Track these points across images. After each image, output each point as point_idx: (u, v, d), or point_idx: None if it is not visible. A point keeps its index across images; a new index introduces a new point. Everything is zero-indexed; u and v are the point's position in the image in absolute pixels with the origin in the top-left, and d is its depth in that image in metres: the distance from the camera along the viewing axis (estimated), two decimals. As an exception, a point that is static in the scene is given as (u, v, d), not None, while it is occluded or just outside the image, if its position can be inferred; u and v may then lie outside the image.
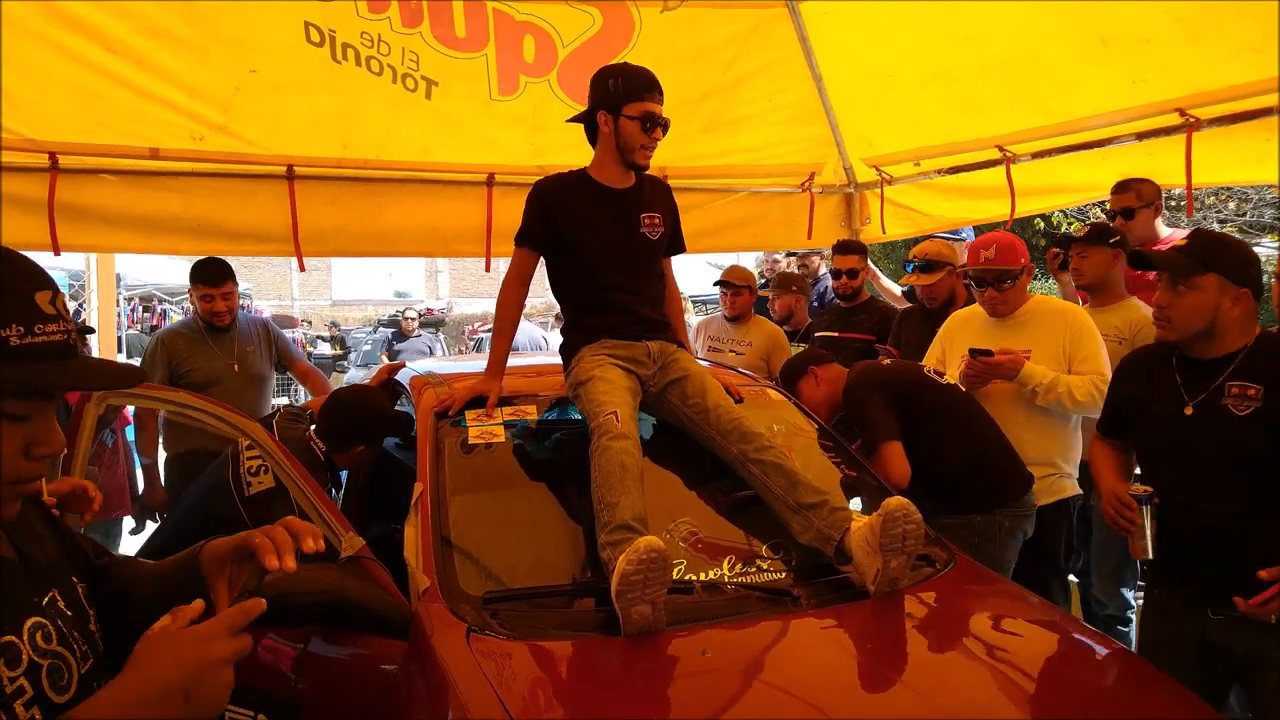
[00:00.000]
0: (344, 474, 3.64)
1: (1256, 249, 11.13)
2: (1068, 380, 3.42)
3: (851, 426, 3.50)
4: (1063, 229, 12.17)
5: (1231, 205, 12.13)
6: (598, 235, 3.01)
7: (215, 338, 4.57)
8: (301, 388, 5.79)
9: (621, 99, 2.94)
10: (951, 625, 2.51)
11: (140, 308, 17.30)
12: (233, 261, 4.67)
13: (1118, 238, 3.84)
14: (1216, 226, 11.88)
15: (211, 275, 4.52)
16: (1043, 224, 12.41)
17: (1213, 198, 11.86)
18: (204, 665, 1.13)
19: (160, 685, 1.10)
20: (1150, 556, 2.51)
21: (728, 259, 9.10)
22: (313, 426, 3.31)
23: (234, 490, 3.02)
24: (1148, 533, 2.49)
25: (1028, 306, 3.66)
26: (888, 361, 3.79)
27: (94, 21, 3.94)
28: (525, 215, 3.08)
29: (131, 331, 15.07)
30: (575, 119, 3.10)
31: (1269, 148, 3.63)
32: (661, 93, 2.98)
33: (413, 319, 10.71)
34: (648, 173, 3.13)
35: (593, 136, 3.06)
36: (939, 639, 2.44)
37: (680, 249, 3.31)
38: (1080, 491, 3.63)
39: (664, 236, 3.11)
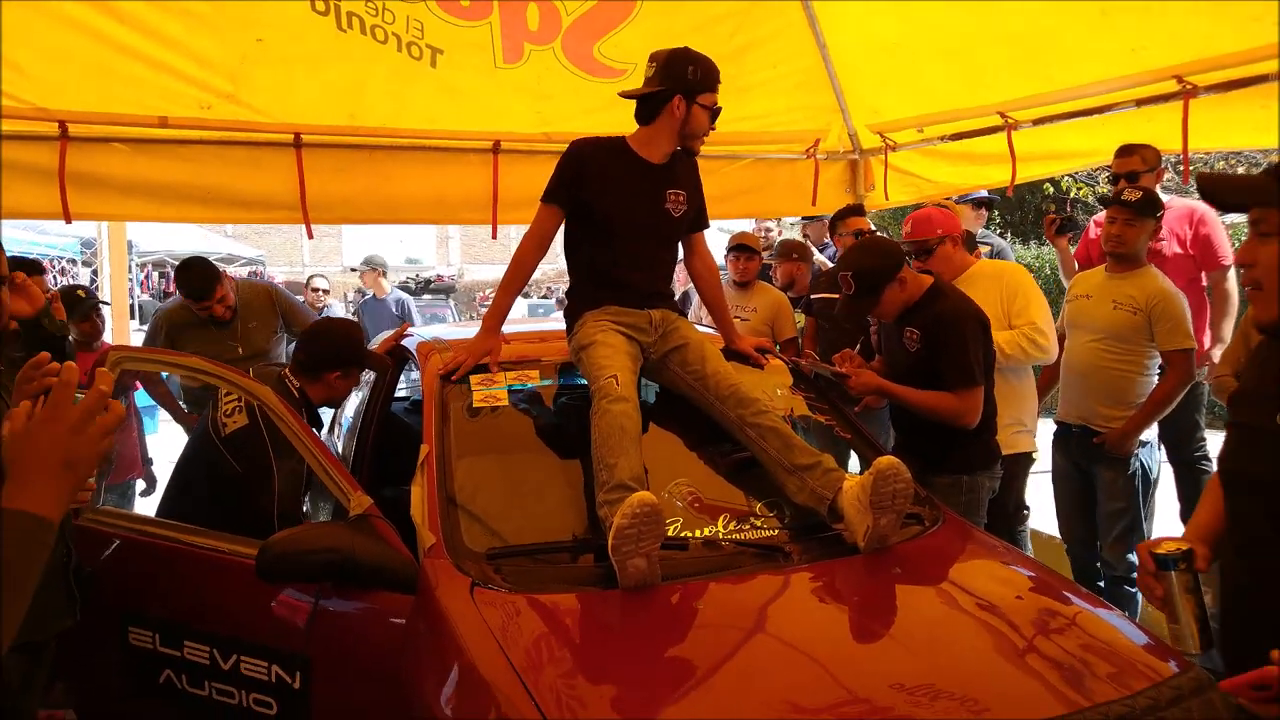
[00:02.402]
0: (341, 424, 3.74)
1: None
2: (995, 338, 3.53)
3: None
4: (1072, 193, 12.16)
5: (1242, 169, 12.07)
6: (624, 205, 3.04)
7: (218, 324, 4.72)
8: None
9: (699, 87, 2.98)
10: (938, 579, 2.59)
11: (155, 273, 17.42)
12: (246, 227, 4.77)
13: (1160, 213, 3.88)
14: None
15: (198, 291, 4.60)
16: (1052, 189, 12.38)
17: (1222, 162, 11.80)
18: (74, 438, 1.31)
19: (47, 468, 1.30)
20: (1192, 648, 1.70)
21: (733, 226, 9.12)
22: (287, 367, 3.40)
23: (213, 434, 3.13)
24: (1178, 610, 1.71)
25: (970, 272, 3.83)
26: None
27: (102, -9, 3.99)
28: (557, 172, 3.10)
29: (145, 298, 15.20)
30: (636, 94, 3.06)
31: (1265, 114, 3.65)
32: None
33: (321, 290, 8.02)
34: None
35: (649, 113, 3.04)
36: (926, 592, 2.53)
37: (704, 225, 3.35)
38: (1034, 449, 3.92)
39: (686, 215, 3.16)
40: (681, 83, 2.98)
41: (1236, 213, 1.79)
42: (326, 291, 8.30)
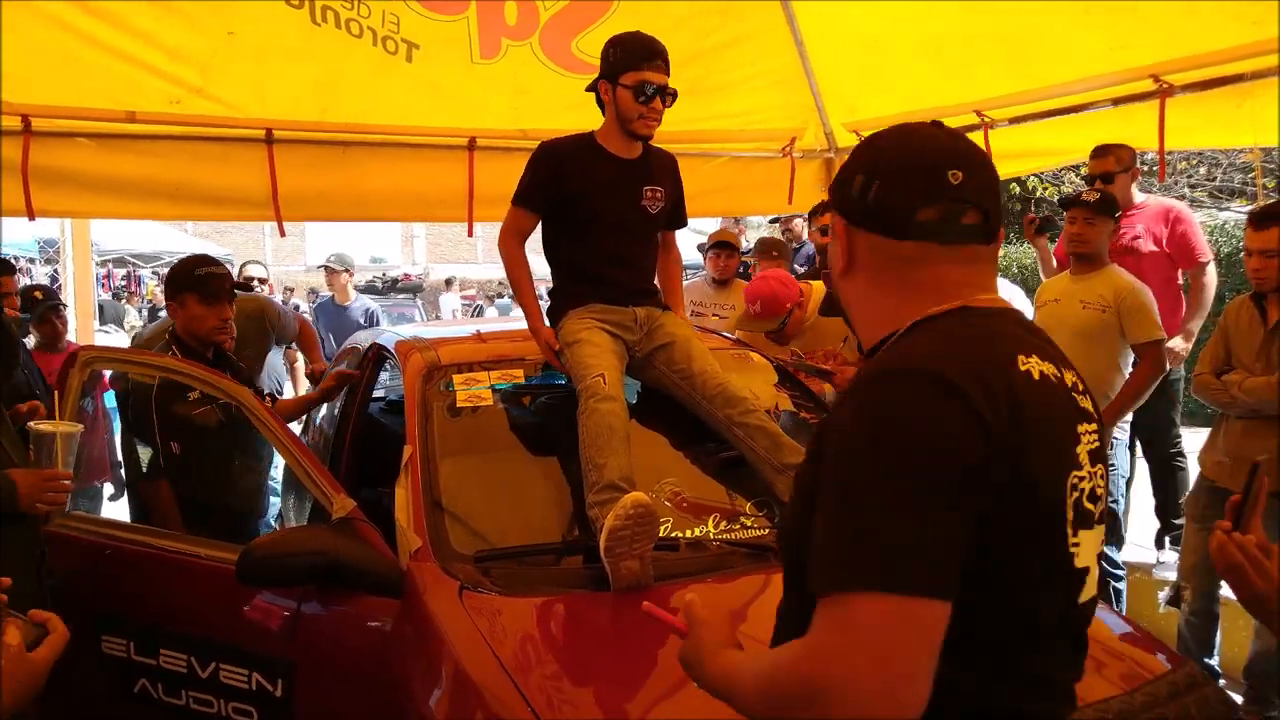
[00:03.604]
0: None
1: (1225, 214, 11.29)
2: None
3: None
4: (1038, 193, 12.28)
5: (1202, 170, 12.25)
6: (603, 201, 3.00)
7: None
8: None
9: (619, 69, 2.91)
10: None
11: (115, 271, 17.13)
12: (208, 226, 4.66)
13: (1119, 213, 3.92)
14: (1187, 191, 12.00)
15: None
16: (1018, 189, 12.49)
17: (1184, 162, 11.98)
18: (35, 690, 1.38)
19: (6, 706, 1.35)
20: None
21: (709, 224, 9.11)
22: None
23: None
24: None
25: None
26: None
27: (69, -19, 3.89)
28: (530, 174, 3.03)
29: (105, 297, 14.92)
30: (588, 88, 3.06)
31: (1239, 113, 3.69)
32: (665, 60, 2.93)
33: (256, 279, 6.02)
34: (656, 145, 3.11)
35: (600, 106, 3.04)
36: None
37: (681, 223, 3.29)
38: None
39: (664, 211, 3.11)
40: (604, 68, 2.95)
41: None
42: (264, 280, 6.58)
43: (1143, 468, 4.59)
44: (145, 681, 2.76)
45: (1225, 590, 3.46)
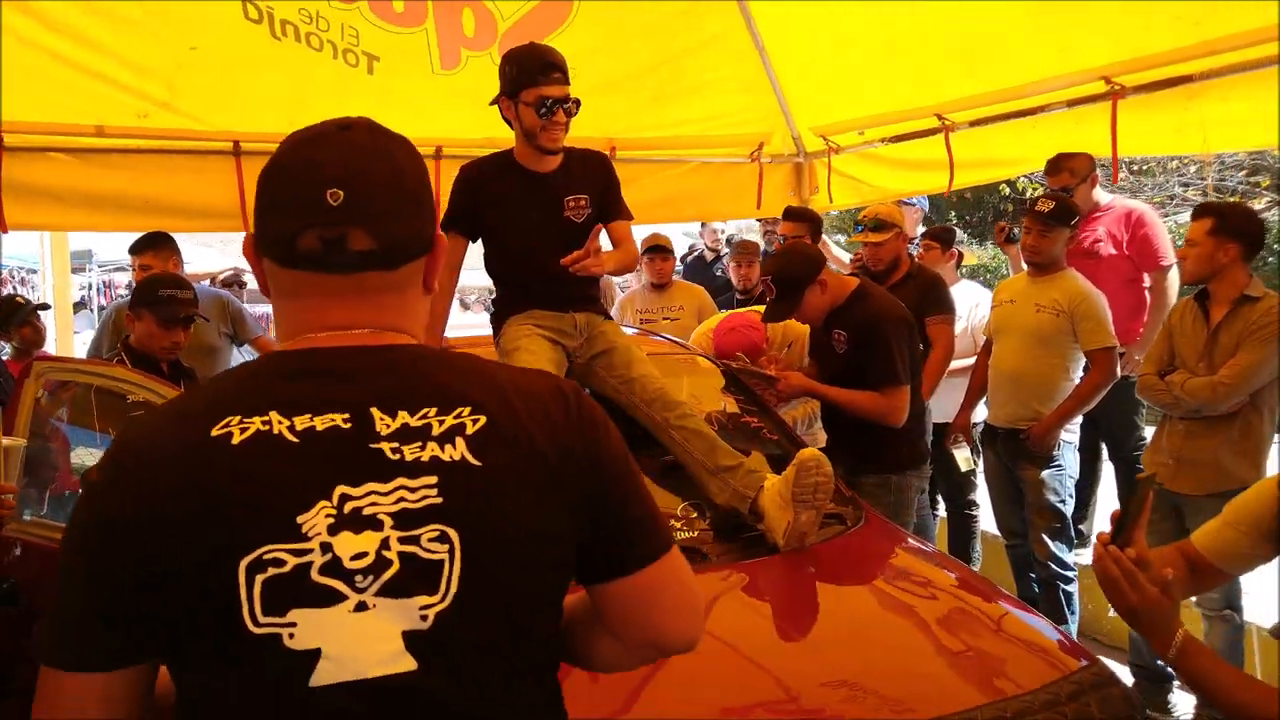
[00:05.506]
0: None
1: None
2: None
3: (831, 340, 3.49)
4: (1027, 194, 12.26)
5: (1193, 168, 12.19)
6: (519, 219, 3.02)
7: None
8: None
9: (518, 85, 2.90)
10: (855, 578, 2.62)
11: (120, 282, 17.21)
12: (212, 235, 4.71)
13: (1076, 219, 3.95)
14: (1180, 190, 11.97)
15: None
16: (1008, 190, 12.50)
17: (1176, 161, 11.93)
18: None
19: None
20: None
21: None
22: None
23: None
24: None
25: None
26: None
27: (33, -2, 3.95)
28: (451, 200, 3.08)
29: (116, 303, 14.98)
30: (492, 103, 3.05)
31: (1188, 117, 3.69)
32: (563, 72, 2.91)
33: None
34: (583, 147, 3.14)
35: (509, 122, 3.03)
36: (842, 591, 2.56)
37: (619, 215, 3.19)
38: None
39: (591, 217, 3.10)
40: (504, 85, 2.95)
41: None
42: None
43: (1107, 470, 4.61)
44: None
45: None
